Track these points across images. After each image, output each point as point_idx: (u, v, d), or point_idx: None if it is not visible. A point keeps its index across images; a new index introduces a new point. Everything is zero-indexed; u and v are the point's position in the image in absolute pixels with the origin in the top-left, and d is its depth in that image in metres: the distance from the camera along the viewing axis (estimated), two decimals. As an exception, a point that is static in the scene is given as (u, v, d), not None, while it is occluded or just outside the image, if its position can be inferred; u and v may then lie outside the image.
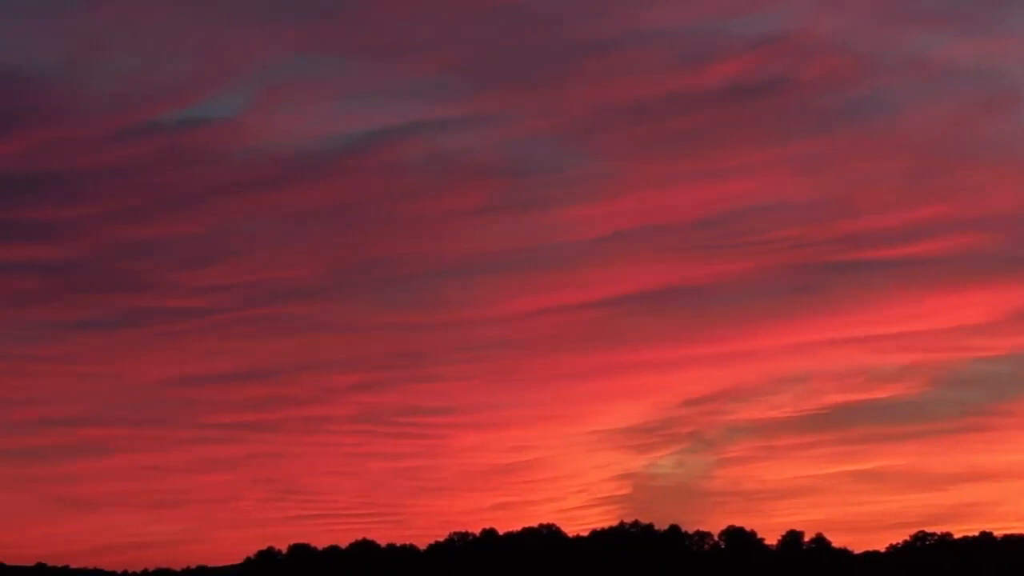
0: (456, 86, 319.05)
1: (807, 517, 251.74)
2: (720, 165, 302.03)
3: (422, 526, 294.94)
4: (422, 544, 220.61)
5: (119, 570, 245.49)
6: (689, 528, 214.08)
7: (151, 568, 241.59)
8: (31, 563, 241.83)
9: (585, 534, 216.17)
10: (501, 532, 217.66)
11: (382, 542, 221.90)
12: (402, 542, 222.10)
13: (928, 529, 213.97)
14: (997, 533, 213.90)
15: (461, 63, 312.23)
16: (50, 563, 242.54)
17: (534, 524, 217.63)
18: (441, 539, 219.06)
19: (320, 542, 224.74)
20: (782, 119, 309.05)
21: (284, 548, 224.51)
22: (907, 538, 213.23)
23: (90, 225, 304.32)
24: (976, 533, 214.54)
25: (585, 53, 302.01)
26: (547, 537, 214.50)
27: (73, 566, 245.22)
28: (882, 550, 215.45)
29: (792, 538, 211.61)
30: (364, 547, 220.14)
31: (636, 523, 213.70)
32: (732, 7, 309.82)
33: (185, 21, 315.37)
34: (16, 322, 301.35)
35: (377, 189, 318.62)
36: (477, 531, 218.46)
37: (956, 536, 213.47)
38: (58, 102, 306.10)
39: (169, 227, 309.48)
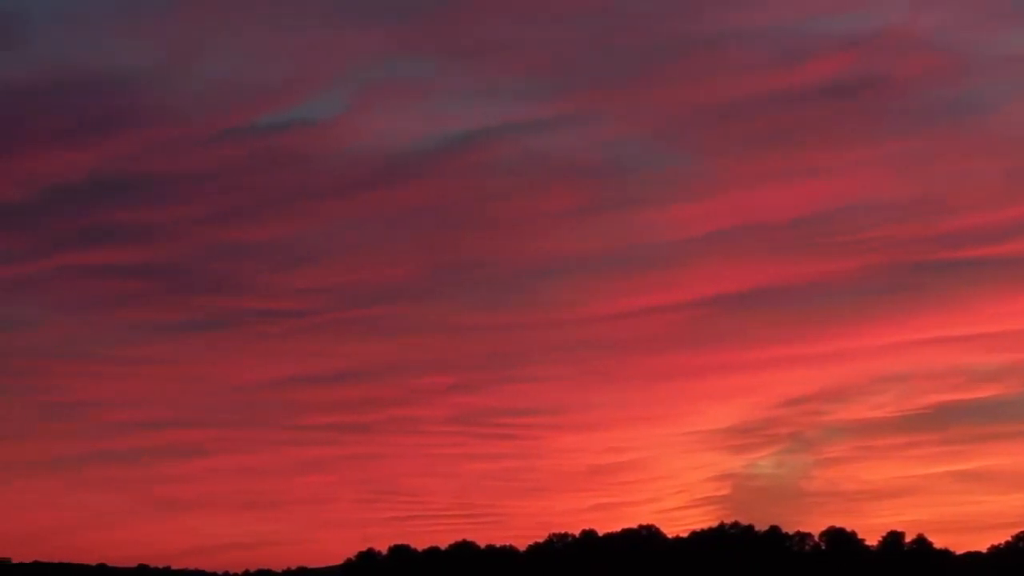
0: (550, 86, 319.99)
1: (908, 518, 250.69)
2: (816, 164, 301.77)
3: (521, 527, 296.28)
4: (521, 545, 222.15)
5: (219, 571, 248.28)
6: (789, 529, 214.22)
7: (252, 569, 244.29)
8: (133, 564, 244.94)
9: (685, 535, 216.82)
10: (600, 533, 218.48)
11: (481, 543, 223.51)
12: (501, 543, 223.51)
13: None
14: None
15: (555, 63, 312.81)
16: (151, 564, 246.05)
17: (633, 525, 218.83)
18: (540, 540, 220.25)
19: (419, 543, 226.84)
20: (878, 117, 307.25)
21: (384, 549, 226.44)
22: (1009, 539, 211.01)
23: (187, 227, 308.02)
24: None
25: (679, 52, 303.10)
26: (646, 538, 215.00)
27: (174, 567, 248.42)
28: (984, 551, 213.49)
29: (893, 539, 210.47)
30: (464, 548, 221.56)
31: (736, 524, 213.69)
32: (828, 5, 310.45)
33: (280, 24, 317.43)
34: (115, 324, 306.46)
35: (471, 190, 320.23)
36: (576, 532, 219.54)
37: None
38: (155, 106, 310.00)
39: (265, 229, 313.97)
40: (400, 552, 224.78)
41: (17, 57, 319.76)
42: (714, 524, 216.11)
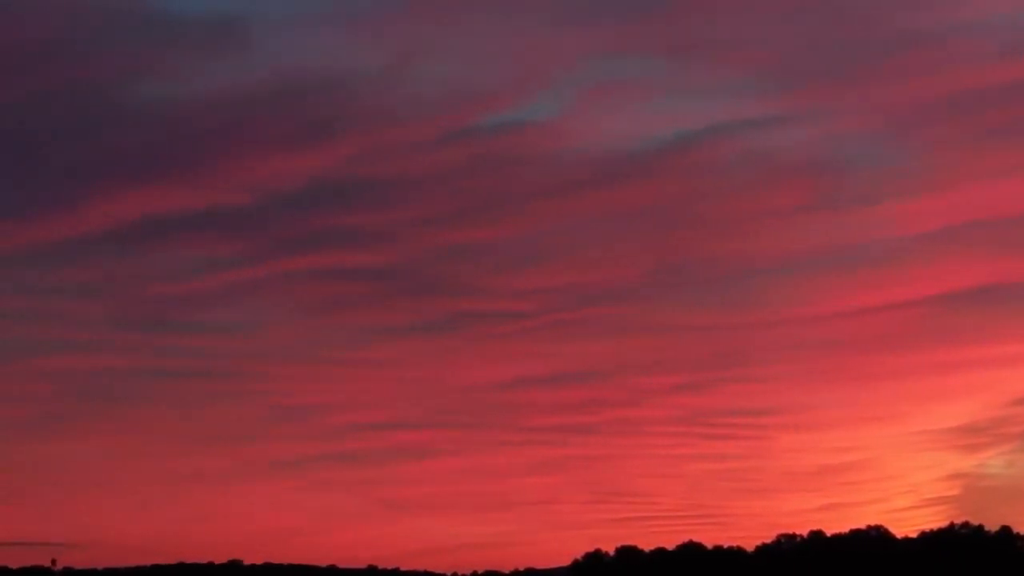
0: (773, 83, 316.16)
1: None
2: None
3: (747, 528, 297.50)
4: (749, 546, 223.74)
5: (448, 572, 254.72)
6: (1021, 529, 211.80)
7: (480, 570, 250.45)
8: (362, 565, 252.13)
9: (914, 535, 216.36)
10: (828, 534, 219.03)
11: (708, 544, 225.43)
12: (729, 544, 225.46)
13: None
14: None
15: (777, 60, 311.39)
16: (380, 565, 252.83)
17: (861, 526, 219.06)
18: (768, 541, 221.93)
19: (646, 544, 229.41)
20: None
21: (611, 550, 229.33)
22: None
23: (412, 230, 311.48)
24: None
25: (903, 46, 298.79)
26: (875, 539, 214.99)
27: (403, 568, 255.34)
28: None
29: None
30: (691, 549, 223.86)
31: (966, 524, 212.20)
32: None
33: (502, 25, 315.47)
34: (340, 327, 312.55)
35: (694, 188, 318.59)
36: (804, 533, 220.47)
37: None
38: (377, 109, 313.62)
39: (489, 231, 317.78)
40: (627, 553, 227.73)
41: (239, 63, 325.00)
42: (944, 524, 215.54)
